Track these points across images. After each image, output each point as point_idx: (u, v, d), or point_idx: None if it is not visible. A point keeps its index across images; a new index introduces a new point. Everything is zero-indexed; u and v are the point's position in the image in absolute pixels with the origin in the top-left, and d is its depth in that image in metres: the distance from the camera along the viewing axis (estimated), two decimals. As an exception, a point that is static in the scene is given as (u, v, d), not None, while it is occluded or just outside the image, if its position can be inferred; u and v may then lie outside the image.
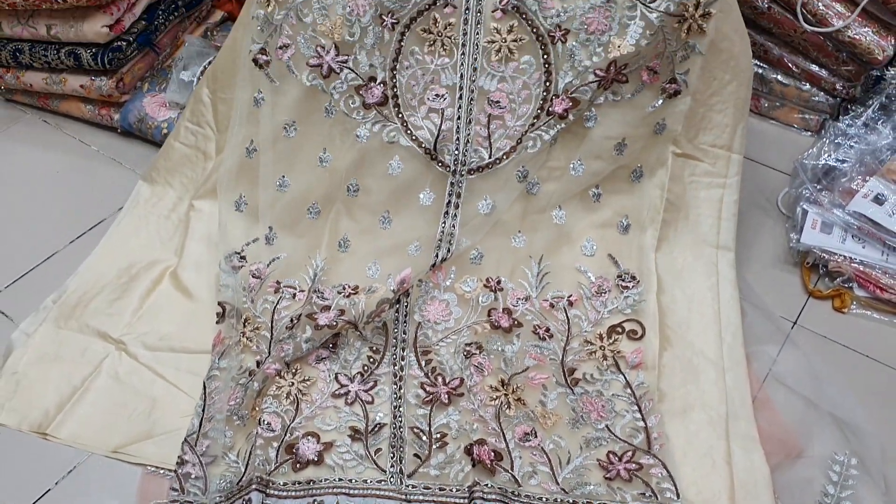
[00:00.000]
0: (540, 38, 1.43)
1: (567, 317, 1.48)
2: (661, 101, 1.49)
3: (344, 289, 1.49)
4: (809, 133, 2.00)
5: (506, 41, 1.44)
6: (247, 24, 1.55)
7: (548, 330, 1.45)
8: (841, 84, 1.93)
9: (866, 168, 1.72)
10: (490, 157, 1.49)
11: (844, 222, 1.64)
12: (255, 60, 1.52)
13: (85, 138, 1.94)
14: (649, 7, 1.38)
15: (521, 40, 1.44)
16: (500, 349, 1.43)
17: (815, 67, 1.95)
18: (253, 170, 1.58)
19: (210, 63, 1.78)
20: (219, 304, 1.49)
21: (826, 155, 1.78)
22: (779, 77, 1.99)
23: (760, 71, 2.00)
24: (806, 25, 1.84)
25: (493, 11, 1.43)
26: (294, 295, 1.50)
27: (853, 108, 1.93)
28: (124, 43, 1.86)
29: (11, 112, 2.02)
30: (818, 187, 1.71)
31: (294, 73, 1.50)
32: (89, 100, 1.94)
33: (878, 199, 1.64)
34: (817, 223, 1.66)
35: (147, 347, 1.46)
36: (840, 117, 1.92)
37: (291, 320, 1.43)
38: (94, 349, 1.46)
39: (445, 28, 1.44)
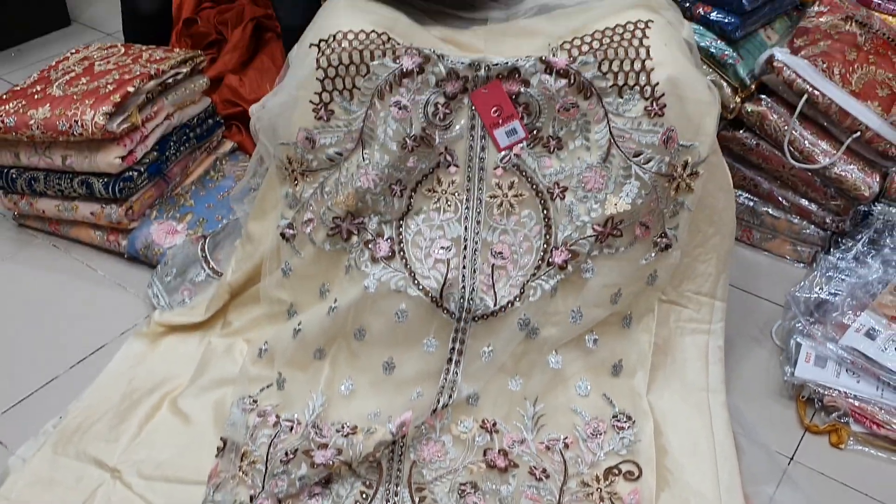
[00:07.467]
0: (539, 194, 1.49)
1: (563, 458, 1.47)
2: (653, 255, 1.53)
3: (342, 427, 1.49)
4: (802, 265, 2.02)
5: (507, 196, 1.49)
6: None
7: (544, 471, 1.45)
8: (830, 218, 1.96)
9: (858, 302, 1.74)
10: (495, 306, 1.50)
11: (838, 356, 1.65)
12: (282, 234, 1.58)
13: (92, 262, 1.98)
14: (643, 168, 1.44)
15: (521, 196, 1.49)
16: (495, 489, 1.42)
17: (804, 202, 1.98)
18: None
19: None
20: (221, 438, 1.50)
21: (818, 288, 1.80)
22: (769, 210, 2.02)
23: (751, 204, 2.04)
24: (793, 162, 1.89)
25: (494, 169, 1.49)
26: (292, 428, 1.50)
27: (843, 241, 1.95)
28: (135, 173, 1.90)
29: (23, 237, 2.06)
30: (811, 320, 1.73)
31: (314, 244, 1.56)
32: (99, 226, 1.97)
33: (870, 334, 1.66)
34: (811, 357, 1.67)
35: (142, 476, 1.45)
36: (831, 250, 1.95)
37: (287, 454, 1.43)
38: (90, 476, 1.45)
39: (449, 186, 1.50)
